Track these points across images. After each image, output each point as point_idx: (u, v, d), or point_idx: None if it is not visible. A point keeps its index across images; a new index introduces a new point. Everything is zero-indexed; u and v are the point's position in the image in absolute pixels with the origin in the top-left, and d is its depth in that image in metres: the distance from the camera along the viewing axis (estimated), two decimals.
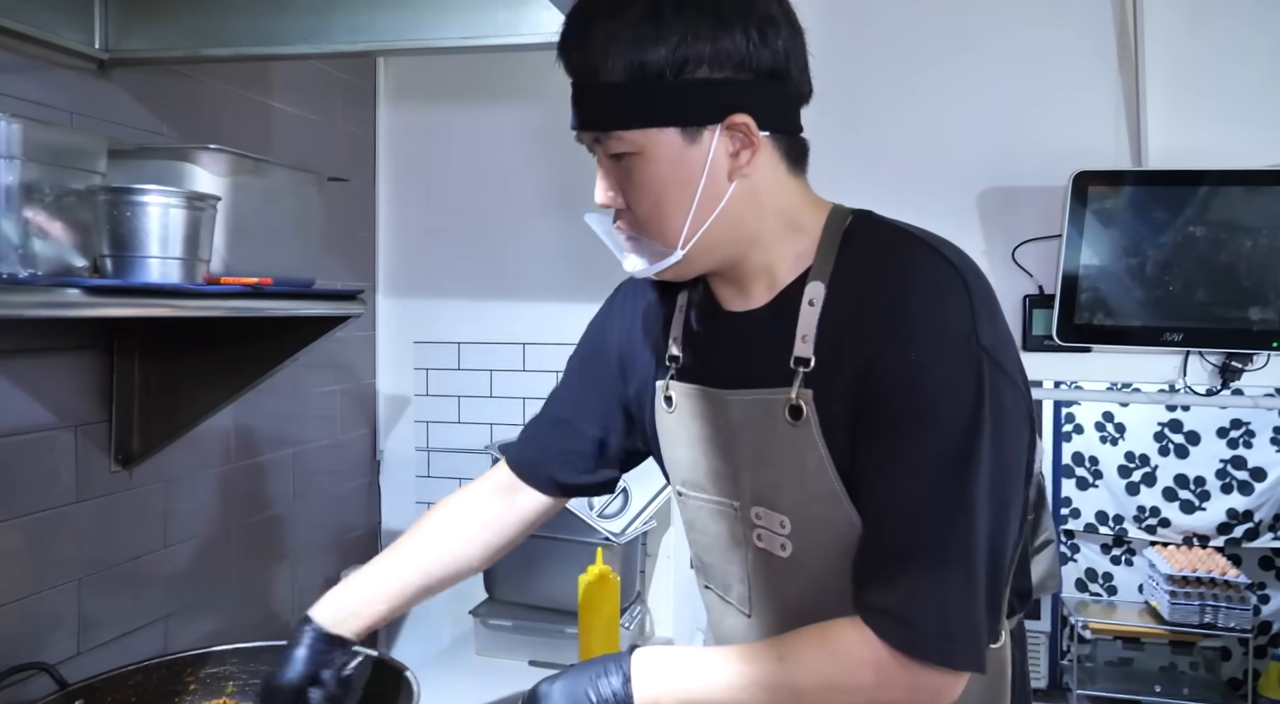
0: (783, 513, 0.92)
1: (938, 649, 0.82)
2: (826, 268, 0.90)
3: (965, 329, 0.83)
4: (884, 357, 0.84)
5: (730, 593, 1.03)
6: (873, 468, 0.86)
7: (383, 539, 2.21)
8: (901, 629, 0.82)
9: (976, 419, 0.82)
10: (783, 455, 0.90)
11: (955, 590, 0.82)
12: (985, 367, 0.82)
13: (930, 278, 0.85)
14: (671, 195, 0.88)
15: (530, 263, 2.11)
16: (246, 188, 1.22)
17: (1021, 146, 1.82)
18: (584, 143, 0.94)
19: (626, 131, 0.86)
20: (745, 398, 0.93)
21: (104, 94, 1.37)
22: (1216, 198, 1.67)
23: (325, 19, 1.27)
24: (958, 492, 0.82)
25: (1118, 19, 1.78)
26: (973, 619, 0.82)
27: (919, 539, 0.83)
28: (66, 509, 1.34)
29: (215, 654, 1.37)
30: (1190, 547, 3.80)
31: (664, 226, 0.89)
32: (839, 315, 0.88)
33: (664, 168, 0.87)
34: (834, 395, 0.87)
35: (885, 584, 0.84)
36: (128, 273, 1.04)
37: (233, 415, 1.67)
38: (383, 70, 2.14)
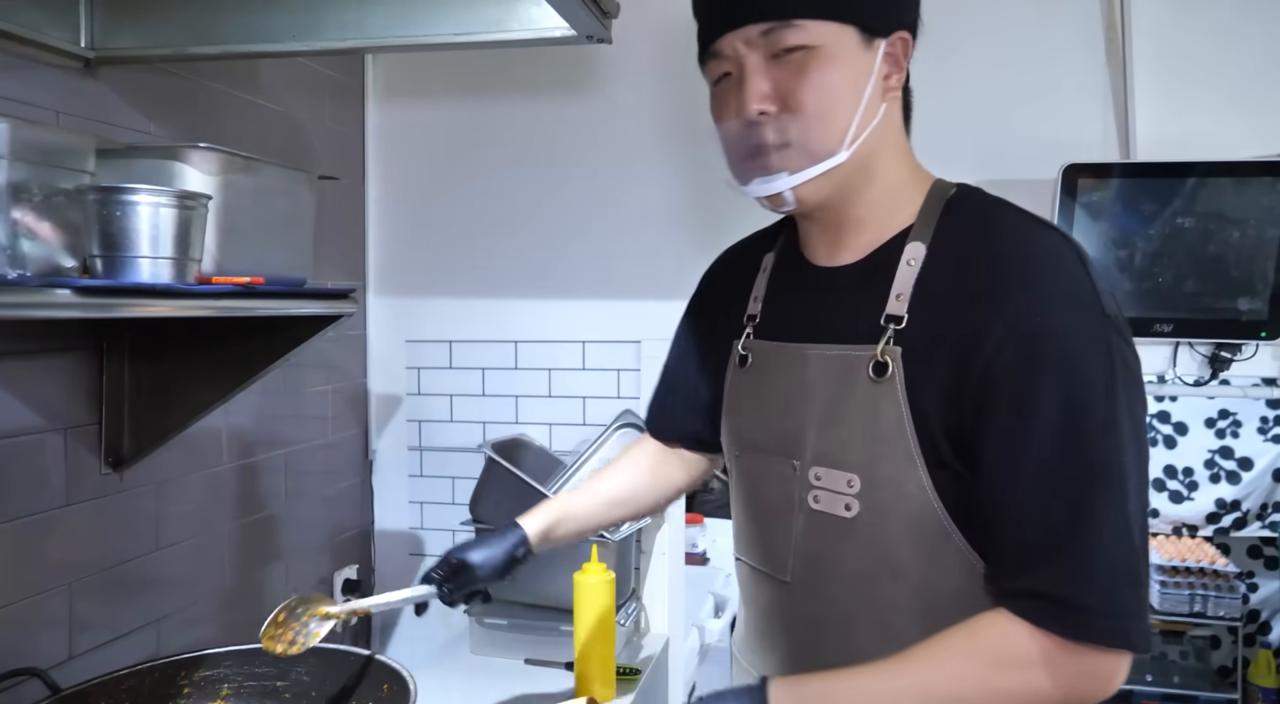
0: (850, 471, 0.89)
1: (1109, 631, 0.77)
2: (928, 230, 0.89)
3: (1089, 294, 0.81)
4: (1000, 324, 0.81)
5: (770, 561, 0.99)
6: (1003, 443, 0.81)
7: (375, 540, 2.20)
8: (1067, 613, 0.77)
9: (1112, 384, 0.79)
10: (858, 412, 0.88)
11: (1117, 566, 0.77)
12: (1113, 337, 0.80)
13: (1046, 246, 0.84)
14: (845, 95, 0.87)
15: (521, 260, 2.11)
16: (237, 186, 1.21)
17: (1010, 139, 1.83)
18: (727, 53, 0.89)
19: (812, 21, 0.85)
20: (826, 352, 0.92)
21: (90, 93, 1.35)
22: (1205, 189, 1.68)
23: (314, 16, 1.26)
24: (1106, 461, 0.78)
25: (1105, 12, 1.78)
26: (1137, 594, 0.78)
27: (1072, 515, 0.78)
28: (57, 512, 1.33)
29: (209, 657, 1.36)
30: (1179, 536, 3.83)
31: (831, 126, 0.87)
32: (939, 278, 0.87)
33: (840, 65, 0.86)
34: (927, 357, 0.85)
35: (1039, 567, 0.79)
36: (118, 273, 1.03)
37: (224, 416, 1.66)
38: (371, 68, 2.13)
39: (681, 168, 2.00)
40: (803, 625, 0.96)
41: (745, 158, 0.91)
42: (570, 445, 2.09)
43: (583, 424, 2.09)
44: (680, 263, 2.02)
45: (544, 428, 2.11)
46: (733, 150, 0.93)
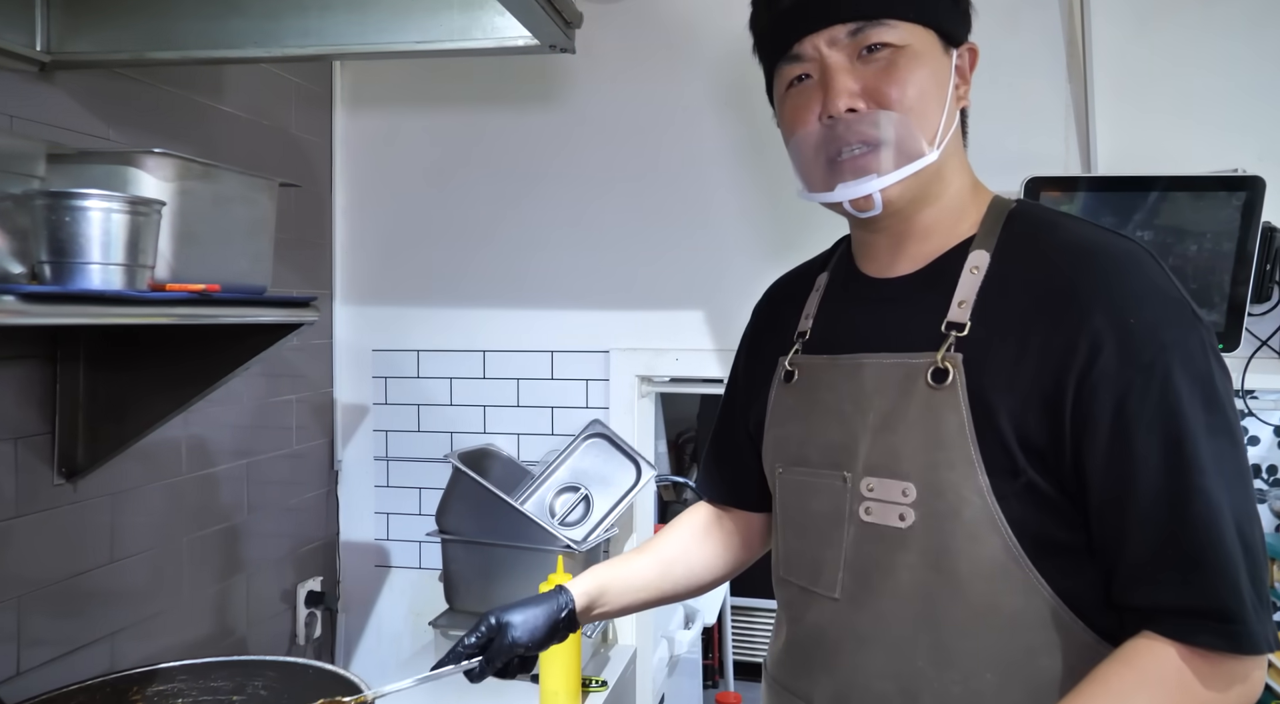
0: (905, 480, 0.86)
1: (1261, 636, 0.74)
2: (991, 240, 0.89)
3: (1176, 296, 0.80)
4: (1090, 328, 0.78)
5: (819, 580, 0.95)
6: (1115, 445, 0.78)
7: (341, 551, 2.18)
8: (1223, 626, 0.74)
9: (1213, 383, 0.78)
10: (915, 419, 0.86)
11: (1245, 570, 0.75)
12: (1205, 333, 0.79)
13: (1125, 248, 0.83)
14: (933, 94, 0.88)
15: (490, 270, 2.10)
16: (194, 193, 1.19)
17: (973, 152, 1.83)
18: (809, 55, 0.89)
19: (904, 22, 0.87)
20: (884, 361, 0.90)
21: (45, 97, 1.33)
22: (1164, 203, 1.71)
23: (275, 22, 1.25)
24: (1222, 460, 0.76)
25: (1066, 28, 1.81)
26: (1266, 595, 0.76)
27: (1202, 523, 0.75)
28: (6, 524, 1.30)
29: (164, 671, 1.34)
30: None
31: (922, 123, 0.87)
32: (1007, 286, 0.85)
33: (928, 66, 0.88)
34: (998, 364, 0.82)
35: (1182, 582, 0.75)
36: (67, 279, 1.01)
37: (184, 426, 1.64)
38: (339, 76, 2.12)
39: (648, 177, 2.00)
40: (852, 644, 0.91)
41: (829, 161, 0.89)
42: (538, 455, 2.08)
43: (551, 434, 2.08)
44: (650, 272, 2.02)
45: (512, 438, 2.10)
46: (814, 155, 0.90)
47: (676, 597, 1.19)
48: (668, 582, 1.16)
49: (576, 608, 1.08)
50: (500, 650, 1.06)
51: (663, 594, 1.16)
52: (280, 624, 1.97)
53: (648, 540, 1.22)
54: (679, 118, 1.97)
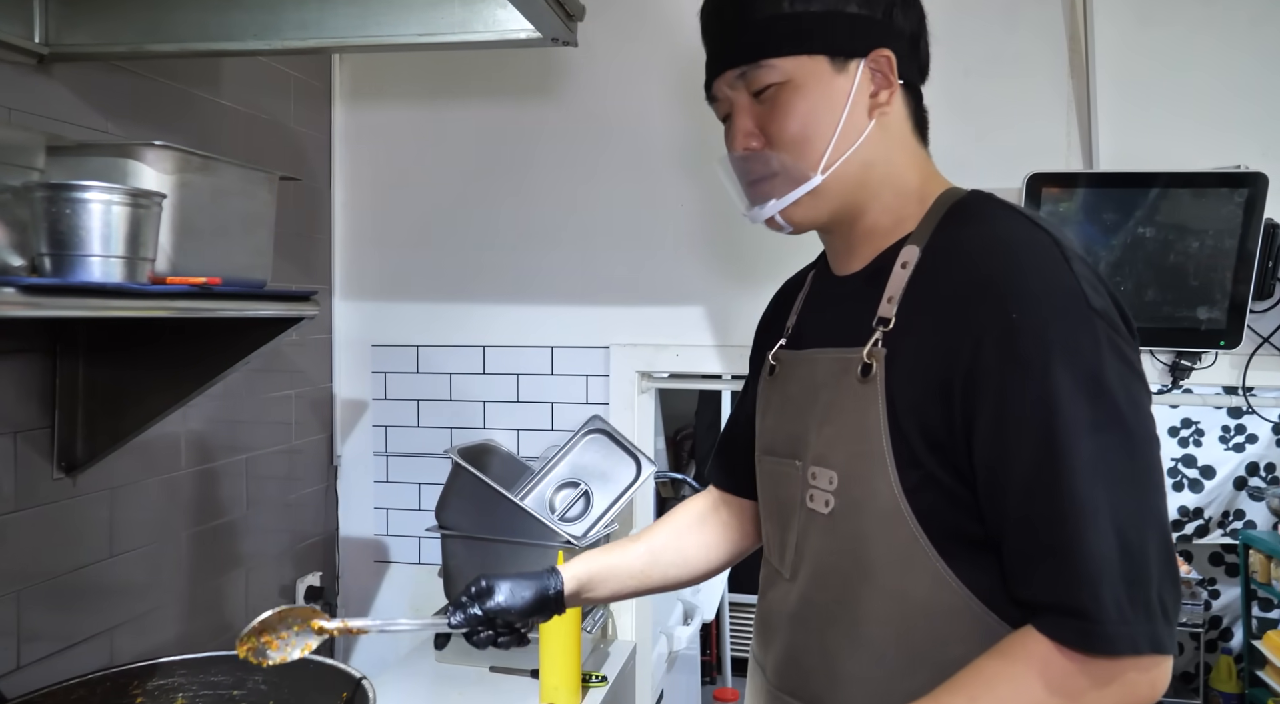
0: (832, 469, 0.91)
1: (1119, 636, 0.74)
2: (925, 235, 0.90)
3: (1070, 290, 0.79)
4: (979, 322, 0.80)
5: (783, 560, 1.01)
6: (996, 448, 0.80)
7: (341, 547, 2.17)
8: (1076, 624, 0.75)
9: (1101, 382, 0.77)
10: (846, 411, 0.90)
11: (1121, 568, 0.75)
12: (1101, 328, 0.78)
13: (1023, 241, 0.83)
14: (816, 121, 0.91)
15: (489, 264, 2.09)
16: (194, 186, 1.19)
17: (976, 148, 1.84)
18: (720, 96, 0.96)
19: (778, 59, 0.90)
20: (829, 356, 0.95)
21: (44, 90, 1.32)
22: (1165, 199, 1.71)
23: (274, 15, 1.25)
24: (1101, 460, 0.76)
25: (1068, 23, 1.81)
26: (1145, 595, 0.75)
27: (1068, 520, 0.76)
28: (6, 518, 1.29)
29: (163, 666, 1.34)
30: None
31: (806, 151, 0.91)
32: (927, 281, 0.87)
33: (811, 94, 0.90)
34: (911, 359, 0.85)
35: (1044, 578, 0.77)
36: (67, 272, 1.00)
37: (183, 420, 1.63)
38: (338, 69, 2.11)
39: (649, 172, 1.99)
40: (791, 620, 0.98)
41: (745, 189, 0.98)
42: (538, 451, 2.08)
43: (551, 429, 2.08)
44: (649, 268, 2.02)
45: (512, 433, 2.10)
46: (736, 183, 0.99)
47: (668, 586, 1.22)
48: (657, 571, 1.19)
49: (565, 591, 1.12)
50: (485, 610, 1.09)
51: (652, 583, 1.19)
52: None
53: (643, 529, 1.25)
54: (681, 112, 1.96)
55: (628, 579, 1.17)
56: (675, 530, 1.22)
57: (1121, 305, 0.82)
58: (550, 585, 1.11)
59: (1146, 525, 0.76)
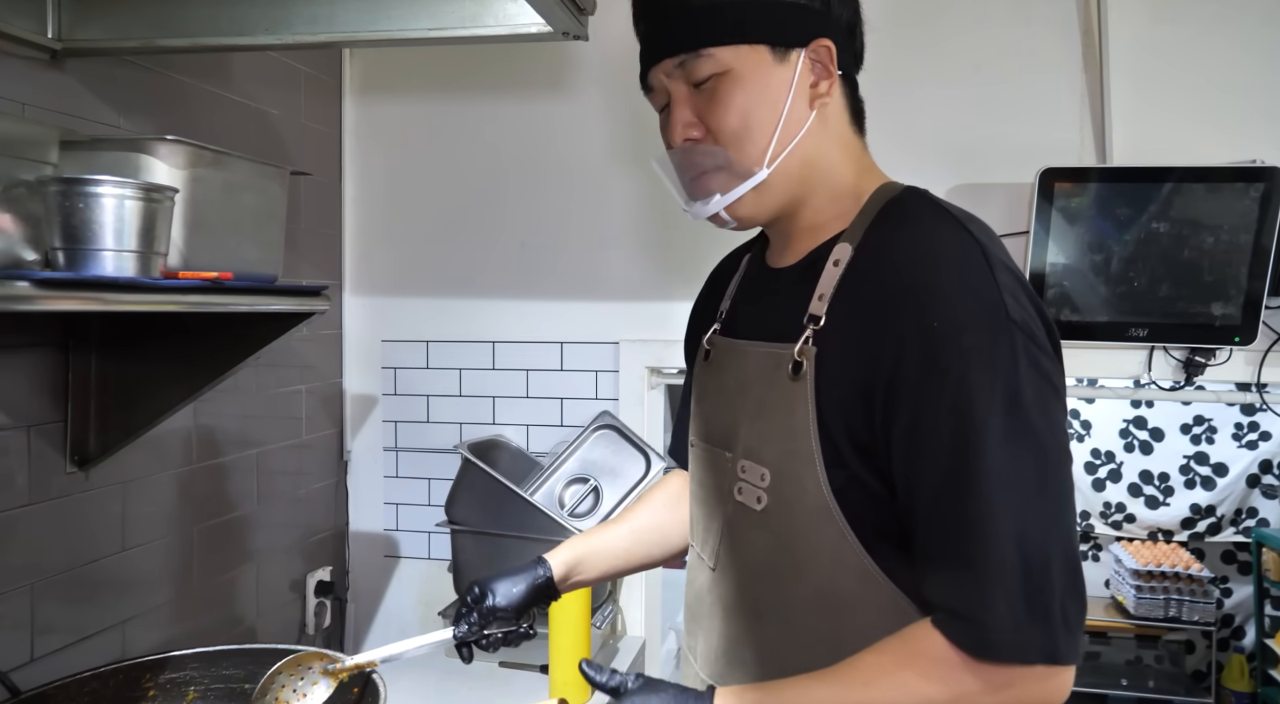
0: (765, 466, 0.91)
1: (1007, 645, 0.75)
2: (859, 232, 0.90)
3: (991, 301, 0.79)
4: (899, 325, 0.80)
5: (705, 547, 1.02)
6: (909, 453, 0.81)
7: (350, 541, 2.18)
8: (968, 628, 0.76)
9: (1015, 392, 0.77)
10: (776, 409, 0.90)
11: (1014, 577, 0.75)
12: (1018, 338, 0.78)
13: (948, 248, 0.83)
14: (759, 113, 0.89)
15: (500, 260, 2.09)
16: (205, 180, 1.19)
17: (988, 144, 1.83)
18: (657, 86, 0.94)
19: (719, 48, 0.87)
20: (760, 350, 0.94)
21: (57, 85, 1.33)
22: (1179, 194, 1.69)
23: (285, 9, 1.24)
24: (1008, 470, 0.76)
25: (1082, 17, 1.79)
26: (1041, 605, 0.75)
27: (971, 527, 0.77)
28: (20, 512, 1.30)
29: (175, 659, 1.34)
30: (1155, 542, 3.85)
31: (749, 145, 0.89)
32: (858, 280, 0.87)
33: (753, 85, 0.88)
34: (838, 360, 0.85)
35: (944, 580, 0.79)
36: (81, 266, 1.01)
37: (194, 415, 1.64)
38: (348, 64, 2.11)
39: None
40: (721, 611, 0.99)
41: (686, 183, 0.95)
42: (548, 446, 2.08)
43: (560, 425, 2.08)
44: (659, 264, 2.01)
45: (521, 429, 2.10)
46: (676, 176, 0.96)
47: (651, 563, 1.24)
48: (640, 548, 1.21)
49: (554, 576, 1.13)
50: (486, 616, 1.11)
51: (636, 561, 1.21)
52: (290, 613, 1.98)
53: (624, 509, 1.25)
54: None
55: (613, 559, 1.19)
56: (654, 510, 1.22)
57: (1045, 316, 0.83)
58: (540, 574, 1.13)
59: (1051, 537, 0.77)
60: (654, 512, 1.22)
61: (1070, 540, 0.79)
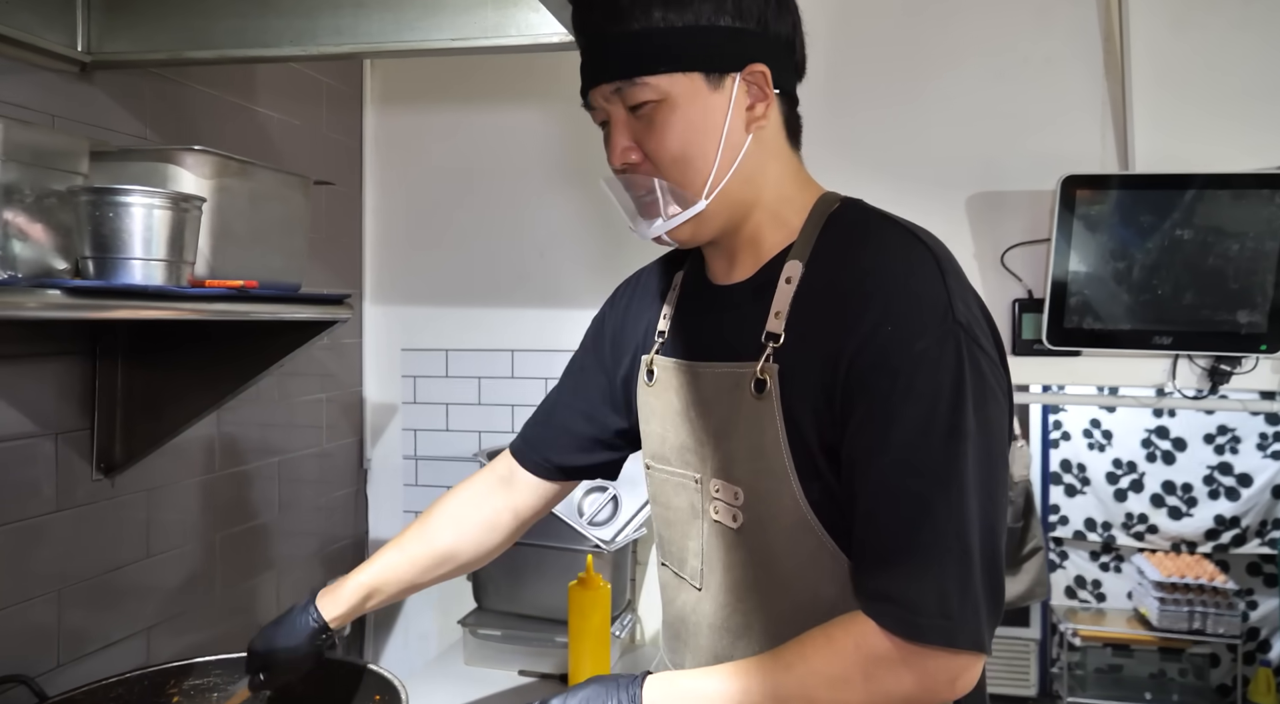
0: (737, 485, 0.93)
1: (937, 629, 0.80)
2: (806, 248, 0.92)
3: (941, 304, 0.83)
4: (856, 332, 0.84)
5: (685, 568, 1.03)
6: (858, 449, 0.85)
7: (370, 549, 2.18)
8: (900, 613, 0.81)
9: (959, 393, 0.81)
10: (744, 428, 0.91)
11: (951, 568, 0.80)
12: (963, 341, 0.82)
13: (901, 255, 0.87)
14: (697, 141, 0.89)
15: (519, 269, 2.10)
16: (231, 190, 1.20)
17: (1009, 151, 1.83)
18: (597, 105, 0.93)
19: (652, 77, 0.87)
20: (717, 370, 0.95)
21: (86, 97, 1.35)
22: (1203, 201, 1.68)
23: (310, 21, 1.26)
24: (946, 468, 0.81)
25: (1103, 24, 1.79)
26: (970, 596, 0.80)
27: (908, 519, 0.81)
28: (47, 518, 1.32)
29: (199, 665, 1.35)
30: (1178, 553, 3.81)
31: (690, 174, 0.90)
32: (812, 295, 0.89)
33: (689, 113, 0.88)
34: (801, 373, 0.88)
35: (881, 569, 0.83)
36: (110, 274, 1.02)
37: (217, 423, 1.65)
38: (369, 75, 2.13)
39: None
40: (707, 629, 1.00)
41: (634, 200, 0.95)
42: None
43: None
44: None
45: None
46: (619, 196, 0.97)
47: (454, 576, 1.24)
48: (435, 575, 1.21)
49: (332, 625, 1.18)
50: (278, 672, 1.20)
51: (436, 578, 1.22)
52: None
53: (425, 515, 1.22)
54: None
55: (396, 592, 1.21)
56: (455, 532, 1.20)
57: (991, 320, 0.88)
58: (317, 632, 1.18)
59: (981, 530, 0.81)
60: (454, 534, 1.20)
61: (998, 537, 0.84)
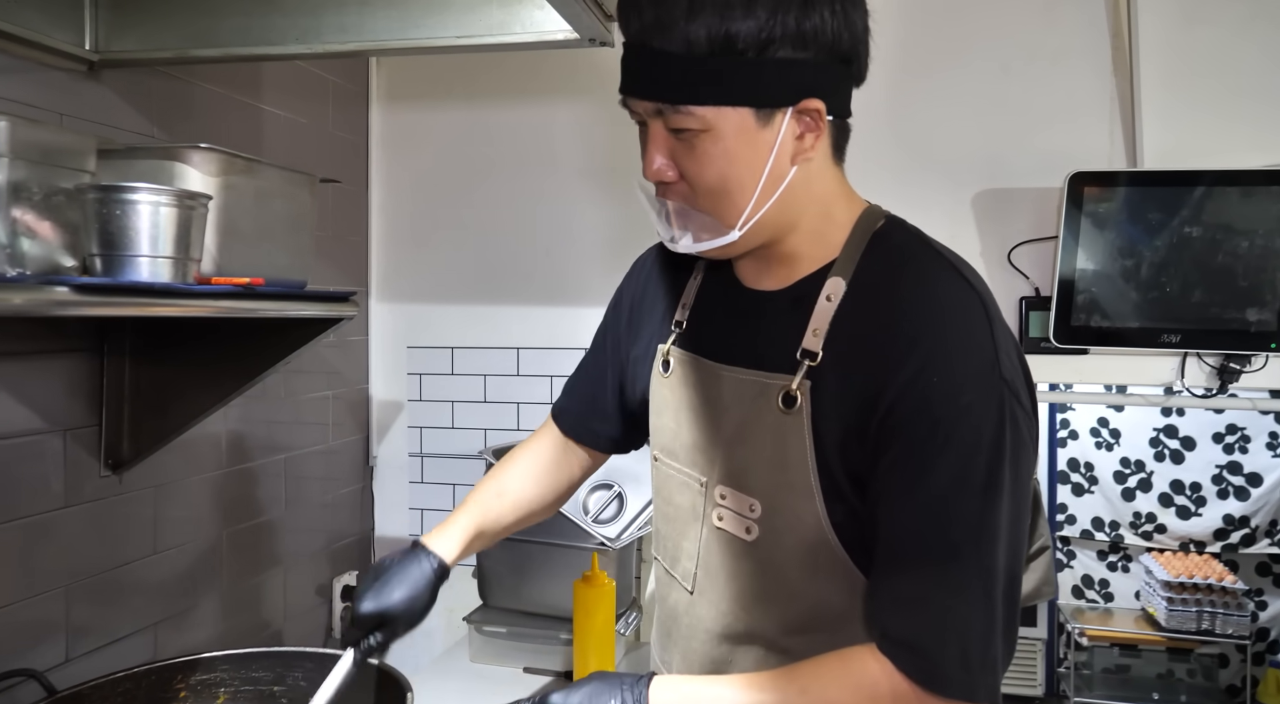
0: (753, 497, 0.91)
1: (959, 682, 0.81)
2: (850, 266, 0.89)
3: (989, 360, 0.82)
4: (900, 374, 0.82)
5: (676, 567, 1.02)
6: (888, 492, 0.84)
7: (375, 547, 2.19)
8: (922, 662, 0.81)
9: (998, 449, 0.81)
10: (765, 439, 0.90)
11: (976, 622, 0.81)
12: (1006, 398, 0.81)
13: (955, 302, 0.84)
14: (738, 175, 0.85)
15: (525, 266, 2.10)
16: (238, 188, 1.21)
17: (1016, 148, 1.82)
18: (634, 109, 0.89)
19: (699, 107, 0.82)
20: (741, 376, 0.93)
21: (94, 96, 1.36)
22: (1212, 199, 1.67)
23: (315, 19, 1.26)
24: (979, 520, 0.81)
25: (1111, 19, 1.78)
26: (991, 650, 0.81)
27: (940, 569, 0.81)
28: (55, 514, 1.32)
29: (206, 661, 1.35)
30: (1187, 553, 3.79)
31: (726, 206, 0.87)
32: (855, 318, 0.87)
33: (733, 147, 0.84)
34: (835, 397, 0.86)
35: (906, 615, 0.82)
36: (117, 272, 1.03)
37: (224, 420, 1.66)
38: (375, 73, 2.14)
39: None
40: (702, 634, 0.99)
41: (657, 211, 0.93)
42: None
43: None
44: None
45: None
46: (650, 202, 0.93)
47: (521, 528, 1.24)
48: (522, 522, 1.22)
49: (449, 563, 1.14)
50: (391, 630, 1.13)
51: (514, 530, 1.23)
52: (316, 617, 1.99)
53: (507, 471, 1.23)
54: None
55: (496, 536, 1.21)
56: (535, 479, 1.22)
57: (1027, 370, 0.87)
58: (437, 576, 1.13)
59: (1005, 582, 0.82)
60: (536, 482, 1.22)
61: (1018, 587, 0.84)
